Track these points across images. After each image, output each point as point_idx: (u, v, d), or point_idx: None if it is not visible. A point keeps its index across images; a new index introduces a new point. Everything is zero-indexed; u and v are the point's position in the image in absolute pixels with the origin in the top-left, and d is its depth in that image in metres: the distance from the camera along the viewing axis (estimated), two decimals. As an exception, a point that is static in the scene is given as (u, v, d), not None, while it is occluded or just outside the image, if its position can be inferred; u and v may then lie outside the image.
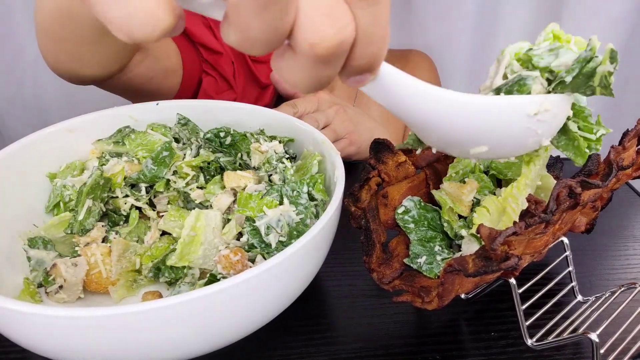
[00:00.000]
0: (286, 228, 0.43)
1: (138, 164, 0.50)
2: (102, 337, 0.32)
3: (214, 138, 0.52)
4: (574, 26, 1.02)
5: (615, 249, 0.56)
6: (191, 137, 0.53)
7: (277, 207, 0.43)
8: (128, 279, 0.45)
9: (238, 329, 0.38)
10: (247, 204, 0.44)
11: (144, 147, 0.51)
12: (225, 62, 0.79)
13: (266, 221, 0.42)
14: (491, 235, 0.34)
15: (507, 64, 0.37)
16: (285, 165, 0.49)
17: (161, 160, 0.48)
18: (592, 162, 0.42)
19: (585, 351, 0.43)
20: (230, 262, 0.41)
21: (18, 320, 0.32)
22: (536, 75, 0.35)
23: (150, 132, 0.52)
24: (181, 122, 0.55)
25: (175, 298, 0.32)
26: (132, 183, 0.49)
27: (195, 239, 0.43)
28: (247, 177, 0.48)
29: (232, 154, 0.52)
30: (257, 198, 0.44)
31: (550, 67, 0.35)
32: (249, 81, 0.83)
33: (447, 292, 0.39)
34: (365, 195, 0.46)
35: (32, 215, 0.48)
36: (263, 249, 0.43)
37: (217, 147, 0.52)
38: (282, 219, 0.43)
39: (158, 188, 0.48)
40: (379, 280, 0.43)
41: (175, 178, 0.48)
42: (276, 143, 0.51)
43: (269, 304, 0.38)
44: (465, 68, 1.13)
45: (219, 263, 0.42)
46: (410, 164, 0.49)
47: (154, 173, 0.48)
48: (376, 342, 0.44)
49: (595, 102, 1.10)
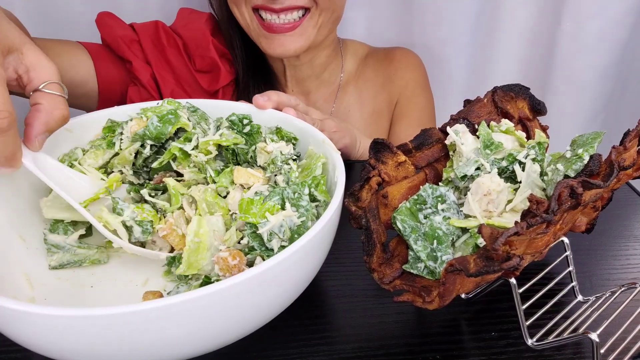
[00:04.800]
0: (288, 233, 0.43)
1: (145, 120, 0.51)
2: (102, 336, 0.32)
3: (238, 122, 0.53)
4: (574, 26, 1.02)
5: (616, 249, 0.56)
6: (200, 121, 0.54)
7: (279, 212, 0.43)
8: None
9: (237, 330, 0.38)
10: (249, 210, 0.44)
11: (154, 111, 0.53)
12: (140, 70, 0.82)
13: (269, 228, 0.42)
14: (493, 235, 0.34)
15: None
16: (290, 166, 0.49)
17: (167, 120, 0.50)
18: (593, 162, 0.42)
19: (586, 351, 0.43)
20: (228, 266, 0.41)
21: (18, 320, 0.32)
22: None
23: (165, 105, 0.54)
24: (191, 110, 0.56)
25: (175, 297, 0.32)
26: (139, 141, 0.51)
27: (201, 245, 0.43)
28: (257, 176, 0.48)
29: (249, 143, 0.53)
30: (258, 203, 0.44)
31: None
32: (196, 90, 0.87)
33: (448, 292, 0.39)
34: (365, 195, 0.46)
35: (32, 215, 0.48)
36: (263, 252, 0.43)
37: (239, 131, 0.53)
38: (284, 224, 0.43)
39: (180, 161, 0.50)
40: (380, 280, 0.43)
41: (196, 152, 0.50)
42: (283, 144, 0.51)
43: (269, 304, 0.38)
44: (465, 68, 1.13)
45: (216, 264, 0.41)
46: (410, 164, 0.49)
47: (159, 130, 0.50)
48: (376, 342, 0.44)
49: (596, 102, 1.10)
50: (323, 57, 0.91)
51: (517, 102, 0.53)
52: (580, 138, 0.46)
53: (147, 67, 0.83)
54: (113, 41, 0.81)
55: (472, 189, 0.44)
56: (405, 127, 0.95)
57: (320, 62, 0.91)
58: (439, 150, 0.50)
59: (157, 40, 0.84)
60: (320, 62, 0.91)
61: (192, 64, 0.86)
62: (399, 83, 0.96)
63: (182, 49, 0.85)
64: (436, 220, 0.43)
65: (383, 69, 0.97)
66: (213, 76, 0.86)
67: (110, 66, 0.81)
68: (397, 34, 1.11)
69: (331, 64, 0.94)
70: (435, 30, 1.08)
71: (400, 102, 0.96)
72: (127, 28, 0.83)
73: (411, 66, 0.98)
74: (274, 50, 0.81)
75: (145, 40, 0.83)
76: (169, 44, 0.84)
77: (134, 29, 0.84)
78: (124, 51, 0.81)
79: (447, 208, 0.44)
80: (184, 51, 0.85)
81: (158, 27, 0.85)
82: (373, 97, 0.97)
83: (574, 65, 1.05)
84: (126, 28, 0.83)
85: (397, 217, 0.44)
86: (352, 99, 0.96)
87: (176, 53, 0.85)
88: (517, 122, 0.52)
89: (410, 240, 0.43)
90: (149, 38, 0.84)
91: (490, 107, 0.52)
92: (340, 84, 0.96)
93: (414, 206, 0.44)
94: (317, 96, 0.95)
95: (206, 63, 0.85)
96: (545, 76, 1.10)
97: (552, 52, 1.06)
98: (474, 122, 0.50)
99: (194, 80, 0.86)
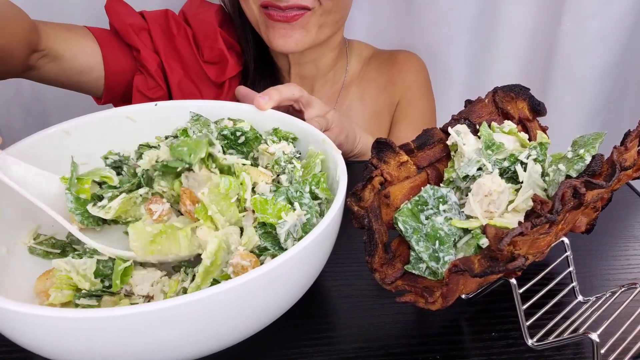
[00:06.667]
0: (300, 233, 0.43)
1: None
2: (103, 338, 0.32)
3: (230, 136, 0.52)
4: (574, 26, 1.02)
5: (616, 249, 0.56)
6: (202, 129, 0.53)
7: (292, 212, 0.43)
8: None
9: (241, 331, 0.38)
10: (265, 210, 0.43)
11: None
12: (148, 59, 0.82)
13: (287, 228, 0.42)
14: (497, 236, 0.34)
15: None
16: (294, 165, 0.49)
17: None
18: (595, 162, 0.42)
19: (586, 351, 0.43)
20: (244, 271, 0.40)
21: (18, 320, 0.32)
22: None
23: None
24: (194, 119, 0.56)
25: (177, 299, 0.32)
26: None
27: (214, 263, 0.41)
28: (267, 174, 0.48)
29: (245, 152, 0.52)
30: (271, 203, 0.44)
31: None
32: (204, 81, 0.87)
33: (451, 293, 0.39)
34: (368, 195, 0.46)
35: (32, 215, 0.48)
36: (277, 251, 0.43)
37: (232, 144, 0.52)
38: (297, 224, 0.43)
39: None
40: (382, 280, 0.42)
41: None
42: (284, 144, 0.51)
43: (273, 304, 0.38)
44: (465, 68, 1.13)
45: (232, 266, 0.41)
46: (412, 164, 0.49)
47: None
48: (376, 342, 0.44)
49: (595, 102, 1.10)
50: (329, 58, 0.92)
51: (517, 103, 0.53)
52: (581, 139, 0.46)
53: (155, 56, 0.83)
54: (122, 28, 0.80)
55: (473, 190, 0.44)
56: (404, 129, 0.95)
57: (326, 62, 0.92)
58: (440, 151, 0.50)
59: (167, 29, 0.84)
60: (326, 63, 0.92)
61: (200, 54, 0.86)
62: (401, 85, 0.97)
63: (191, 39, 0.85)
64: (438, 221, 0.43)
65: (386, 71, 0.98)
66: (220, 67, 0.86)
67: (118, 54, 0.81)
68: (398, 34, 1.11)
69: (336, 64, 0.95)
70: (436, 31, 1.08)
71: (401, 104, 0.97)
72: (136, 16, 0.83)
73: (414, 69, 0.98)
74: (276, 41, 0.81)
75: (154, 28, 0.83)
76: (178, 33, 0.84)
77: (144, 17, 0.83)
78: (133, 39, 0.81)
79: (448, 209, 0.44)
80: (192, 41, 0.85)
81: (168, 16, 0.84)
82: (375, 97, 0.97)
83: (574, 65, 1.05)
84: (136, 16, 0.83)
85: (399, 218, 0.44)
86: (354, 99, 0.97)
87: (185, 43, 0.85)
88: (517, 122, 0.52)
89: (412, 241, 0.43)
90: (159, 27, 0.83)
91: (491, 108, 0.52)
92: (344, 83, 0.96)
93: (416, 207, 0.44)
94: (320, 95, 0.95)
95: (214, 54, 0.85)
96: (545, 76, 1.10)
97: (552, 52, 1.06)
98: (475, 123, 0.50)
99: (202, 70, 0.86)
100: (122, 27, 0.81)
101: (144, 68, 0.82)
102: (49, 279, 0.43)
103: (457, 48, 1.10)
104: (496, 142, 0.47)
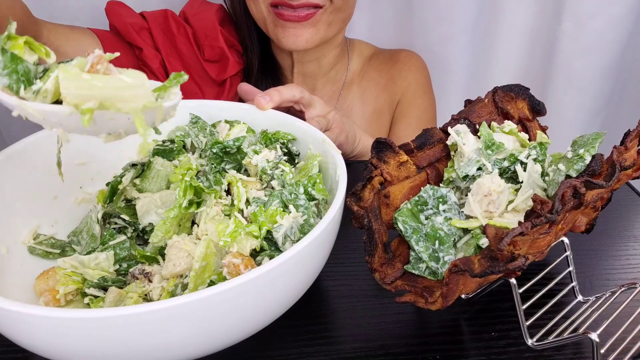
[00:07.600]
0: (298, 234, 0.43)
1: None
2: (103, 338, 0.32)
3: (219, 153, 0.53)
4: (574, 26, 1.02)
5: (616, 249, 0.56)
6: (199, 133, 0.55)
7: (287, 214, 0.44)
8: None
9: (240, 331, 0.38)
10: (256, 220, 0.44)
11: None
12: (150, 57, 0.82)
13: (283, 231, 0.43)
14: (497, 236, 0.34)
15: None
16: (282, 169, 0.49)
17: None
18: (595, 162, 0.42)
19: (586, 351, 0.43)
20: (238, 272, 0.40)
21: (18, 320, 0.32)
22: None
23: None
24: (192, 121, 0.56)
25: (177, 299, 0.32)
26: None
27: (207, 267, 0.41)
28: (251, 181, 0.49)
29: (238, 159, 0.53)
30: (261, 211, 0.44)
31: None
32: (205, 80, 0.87)
33: (451, 293, 0.39)
34: (368, 195, 0.46)
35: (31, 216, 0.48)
36: (273, 252, 0.43)
37: (222, 157, 0.53)
38: (294, 226, 0.44)
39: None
40: (381, 280, 0.42)
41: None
42: (266, 151, 0.51)
43: (272, 304, 0.38)
44: (465, 68, 1.13)
45: (226, 267, 0.41)
46: (412, 164, 0.49)
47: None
48: (376, 342, 0.44)
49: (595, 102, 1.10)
50: (331, 57, 0.92)
51: (517, 103, 0.53)
52: (581, 139, 0.47)
53: (157, 54, 0.83)
54: (123, 27, 0.81)
55: (472, 190, 0.44)
56: (405, 127, 0.95)
57: (328, 61, 0.93)
58: (440, 150, 0.50)
59: (167, 28, 0.85)
60: (328, 61, 0.93)
61: (201, 53, 0.87)
62: (401, 84, 0.97)
63: (191, 38, 0.86)
64: (437, 221, 0.43)
65: (387, 70, 0.98)
66: (221, 66, 0.87)
67: (120, 53, 0.81)
68: (398, 33, 1.11)
69: (338, 63, 0.95)
70: (436, 30, 1.08)
71: (402, 103, 0.97)
72: (136, 16, 0.84)
73: (414, 68, 0.99)
74: (286, 39, 0.81)
75: (155, 28, 0.84)
76: (178, 32, 0.85)
77: (144, 17, 0.84)
78: (134, 38, 0.81)
79: (448, 209, 0.44)
80: (193, 40, 0.86)
81: (168, 15, 0.85)
82: (375, 96, 0.98)
83: (574, 65, 1.05)
84: (136, 16, 0.84)
85: (399, 218, 0.44)
86: (355, 98, 0.97)
87: (186, 42, 0.85)
88: (517, 122, 0.52)
89: (411, 241, 0.43)
90: (159, 26, 0.84)
91: (491, 107, 0.52)
92: (345, 82, 0.97)
93: (415, 207, 0.44)
94: (321, 93, 0.96)
95: (215, 53, 0.86)
96: (545, 76, 1.10)
97: (552, 52, 1.06)
98: (475, 122, 0.50)
99: (203, 69, 0.87)
100: (123, 26, 0.81)
101: (146, 66, 0.83)
102: (49, 278, 0.43)
103: (457, 48, 1.10)
104: (496, 142, 0.47)
